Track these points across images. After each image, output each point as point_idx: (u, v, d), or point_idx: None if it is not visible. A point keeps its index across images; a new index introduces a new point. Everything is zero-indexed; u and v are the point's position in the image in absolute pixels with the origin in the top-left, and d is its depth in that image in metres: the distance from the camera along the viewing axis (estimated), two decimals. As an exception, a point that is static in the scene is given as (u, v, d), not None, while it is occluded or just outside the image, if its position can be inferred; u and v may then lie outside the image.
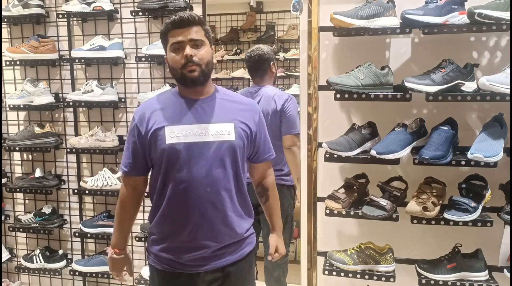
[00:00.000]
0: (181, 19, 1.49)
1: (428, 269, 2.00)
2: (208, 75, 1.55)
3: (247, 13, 4.62)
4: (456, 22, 1.85)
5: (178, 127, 1.52)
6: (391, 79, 1.96)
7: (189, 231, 1.54)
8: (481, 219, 1.88)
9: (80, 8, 2.58)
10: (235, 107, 1.61)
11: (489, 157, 1.76)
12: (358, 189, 2.11)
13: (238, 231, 1.59)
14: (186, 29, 1.50)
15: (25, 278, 3.09)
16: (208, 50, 1.54)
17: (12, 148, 2.77)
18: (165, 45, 1.56)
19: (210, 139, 1.52)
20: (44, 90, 2.68)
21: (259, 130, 1.66)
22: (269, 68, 2.68)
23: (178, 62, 1.51)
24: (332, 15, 1.92)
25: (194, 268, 1.56)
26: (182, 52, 1.50)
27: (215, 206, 1.54)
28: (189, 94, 1.58)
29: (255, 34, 4.61)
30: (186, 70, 1.50)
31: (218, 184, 1.53)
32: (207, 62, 1.53)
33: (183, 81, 1.55)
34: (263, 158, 1.71)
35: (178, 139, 1.51)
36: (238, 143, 1.55)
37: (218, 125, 1.54)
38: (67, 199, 2.92)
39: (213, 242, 1.55)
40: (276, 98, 2.56)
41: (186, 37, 1.49)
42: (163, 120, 1.54)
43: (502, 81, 1.75)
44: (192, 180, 1.51)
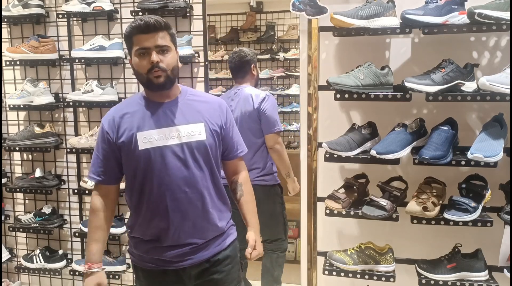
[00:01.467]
0: (147, 24, 1.48)
1: (428, 269, 2.00)
2: (174, 80, 1.57)
3: (247, 13, 4.63)
4: (456, 22, 1.85)
5: (150, 132, 1.53)
6: (391, 79, 1.97)
7: (173, 232, 1.56)
8: (481, 219, 1.88)
9: (80, 8, 2.58)
10: (203, 107, 1.63)
11: (489, 157, 1.76)
12: (358, 189, 2.11)
13: (219, 225, 1.63)
14: (152, 35, 1.49)
15: (25, 278, 3.09)
16: (174, 55, 1.55)
17: (12, 148, 2.77)
18: (130, 48, 1.55)
19: (183, 140, 1.54)
20: (44, 90, 2.67)
21: (229, 127, 1.68)
22: (250, 69, 2.73)
23: (144, 67, 1.51)
24: (332, 15, 1.92)
25: (180, 264, 1.59)
26: (148, 58, 1.49)
27: (195, 205, 1.57)
28: (156, 97, 1.59)
29: (255, 34, 4.61)
30: (152, 75, 1.51)
31: (196, 184, 1.56)
32: (173, 67, 1.54)
33: (149, 85, 1.55)
34: (234, 155, 1.72)
35: (151, 144, 1.52)
36: (210, 142, 1.58)
37: (189, 126, 1.56)
38: (67, 199, 2.92)
39: (197, 239, 1.59)
40: (254, 97, 2.58)
41: (152, 43, 1.48)
42: (133, 126, 1.55)
43: (502, 81, 1.75)
44: (170, 183, 1.53)
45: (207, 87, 2.65)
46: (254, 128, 2.58)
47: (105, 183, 1.62)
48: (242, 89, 2.67)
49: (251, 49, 2.84)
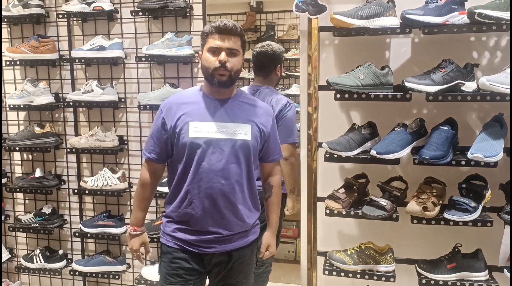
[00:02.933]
0: (225, 26, 1.62)
1: (428, 269, 2.00)
2: (234, 80, 1.69)
3: (247, 13, 4.62)
4: (456, 22, 1.85)
5: (201, 123, 1.67)
6: (391, 79, 1.97)
7: (203, 218, 1.68)
8: (481, 219, 1.88)
9: (80, 8, 2.58)
10: (253, 110, 1.75)
11: (489, 157, 1.76)
12: (358, 189, 2.11)
13: (247, 221, 1.74)
14: (226, 37, 1.63)
15: (25, 278, 3.09)
16: (240, 59, 1.69)
17: (12, 148, 2.77)
18: (203, 44, 1.68)
19: (229, 137, 1.67)
20: (44, 90, 2.67)
21: (271, 132, 1.80)
22: (275, 69, 2.47)
23: (212, 63, 1.63)
24: (332, 15, 1.92)
25: (204, 250, 1.71)
26: (218, 56, 1.62)
27: (228, 198, 1.68)
28: (214, 93, 1.72)
29: (255, 34, 4.60)
30: (217, 73, 1.64)
31: (232, 178, 1.67)
32: (237, 70, 1.67)
33: (211, 81, 1.67)
34: (272, 158, 1.83)
35: (200, 134, 1.66)
36: (252, 143, 1.70)
37: (237, 125, 1.69)
38: (67, 199, 2.92)
39: (224, 230, 1.70)
40: (274, 103, 2.33)
41: (225, 45, 1.62)
42: (188, 115, 1.68)
43: (502, 81, 1.75)
44: (210, 172, 1.65)
45: (207, 87, 2.64)
46: None
47: (155, 161, 1.77)
48: (262, 91, 2.41)
49: (280, 46, 2.53)
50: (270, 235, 1.88)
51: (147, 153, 1.78)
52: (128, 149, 2.77)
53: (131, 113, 2.74)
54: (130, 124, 2.75)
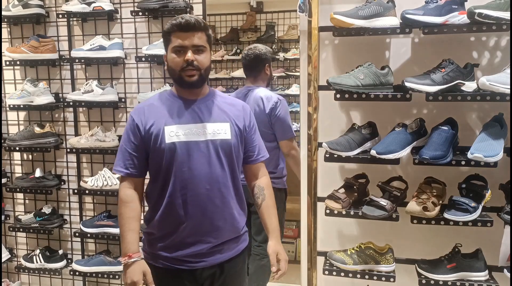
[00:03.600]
0: (187, 23, 1.52)
1: (428, 269, 2.00)
2: (205, 79, 1.61)
3: (247, 13, 4.63)
4: (456, 22, 1.85)
5: (177, 127, 1.57)
6: (391, 79, 1.96)
7: (190, 227, 1.58)
8: (481, 219, 1.88)
9: (80, 8, 2.58)
10: (229, 108, 1.67)
11: (489, 157, 1.76)
12: (358, 189, 2.11)
13: (237, 226, 1.66)
14: (190, 34, 1.53)
15: (25, 278, 3.09)
16: (208, 55, 1.59)
17: (12, 148, 2.77)
18: (167, 44, 1.59)
19: (208, 137, 1.58)
20: (44, 90, 2.67)
21: (251, 131, 1.71)
22: (264, 69, 2.66)
23: (178, 64, 1.55)
24: (332, 15, 1.92)
25: (193, 264, 1.60)
26: (184, 55, 1.53)
27: (215, 203, 1.59)
28: (186, 94, 1.63)
29: (255, 34, 4.61)
30: (185, 73, 1.55)
31: (217, 181, 1.59)
32: (206, 67, 1.59)
33: (181, 83, 1.59)
34: (256, 159, 1.75)
35: (177, 138, 1.56)
36: (234, 142, 1.62)
37: (215, 124, 1.60)
38: (67, 199, 2.92)
39: (213, 238, 1.60)
40: (265, 101, 2.51)
41: (190, 42, 1.53)
42: (162, 120, 1.58)
43: (502, 81, 1.75)
44: (193, 177, 1.56)
45: (207, 87, 2.64)
46: (263, 132, 2.44)
47: (133, 176, 1.62)
48: (253, 91, 2.59)
49: (266, 47, 2.73)
50: (276, 243, 1.70)
51: (123, 169, 1.60)
52: (128, 149, 2.77)
53: (131, 113, 2.74)
54: (130, 124, 2.75)
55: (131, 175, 1.62)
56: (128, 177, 1.63)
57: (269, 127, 2.54)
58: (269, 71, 2.69)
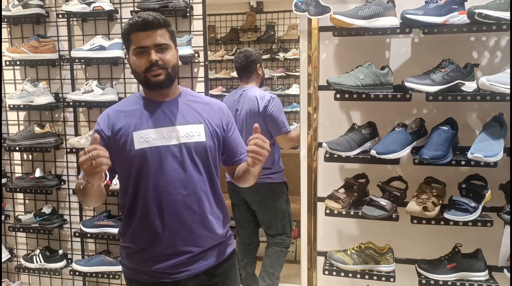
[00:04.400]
0: (145, 21, 1.42)
1: (428, 269, 2.00)
2: (173, 78, 1.51)
3: (247, 13, 4.63)
4: (456, 22, 1.85)
5: (147, 131, 1.47)
6: (391, 79, 1.96)
7: (168, 237, 1.48)
8: (481, 219, 1.88)
9: (80, 8, 2.58)
10: (203, 108, 1.57)
11: (489, 157, 1.76)
12: (358, 189, 2.11)
13: (218, 233, 1.56)
14: (150, 33, 1.43)
15: (25, 278, 3.09)
16: (174, 53, 1.50)
17: (12, 148, 2.77)
18: (127, 46, 1.50)
19: (181, 141, 1.48)
20: (44, 90, 2.67)
21: (230, 131, 1.62)
22: (256, 69, 2.77)
23: (142, 66, 1.45)
24: (332, 15, 1.92)
25: (176, 275, 1.50)
26: (146, 56, 1.44)
27: (193, 209, 1.50)
28: (154, 96, 1.54)
29: (255, 34, 4.61)
30: (150, 74, 1.45)
31: (194, 186, 1.49)
32: (173, 65, 1.49)
33: (147, 84, 1.50)
34: (237, 159, 1.65)
35: (148, 144, 1.46)
36: (209, 144, 1.52)
37: (188, 126, 1.50)
38: (67, 199, 2.92)
39: (194, 247, 1.51)
40: (259, 100, 2.62)
41: (151, 42, 1.43)
42: (130, 125, 1.48)
43: (502, 81, 1.75)
44: (166, 184, 1.47)
45: (207, 87, 2.65)
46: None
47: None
48: (247, 91, 2.71)
49: (256, 49, 2.92)
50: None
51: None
52: (128, 149, 2.77)
53: (131, 113, 2.74)
54: (130, 124, 2.75)
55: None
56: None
57: (265, 125, 2.63)
58: (261, 71, 2.82)
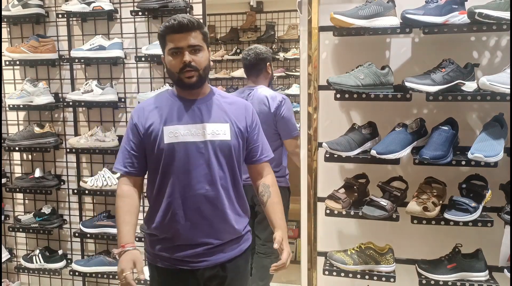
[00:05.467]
0: (180, 24, 1.50)
1: (428, 269, 2.00)
2: (205, 79, 1.59)
3: (247, 13, 4.63)
4: (457, 22, 1.85)
5: (176, 127, 1.55)
6: (391, 79, 1.96)
7: (189, 229, 1.57)
8: (481, 219, 1.88)
9: (80, 8, 2.58)
10: (230, 108, 1.65)
11: (490, 157, 1.76)
12: (358, 189, 2.11)
13: (237, 228, 1.63)
14: (185, 34, 1.51)
15: (25, 278, 3.08)
16: (206, 54, 1.57)
17: (11, 148, 2.77)
18: (163, 47, 1.58)
19: (207, 138, 1.56)
20: (43, 90, 2.67)
21: (254, 131, 1.69)
22: (265, 68, 2.65)
23: (176, 66, 1.54)
24: (332, 15, 1.92)
25: (195, 264, 1.59)
26: (181, 57, 1.52)
27: (214, 204, 1.57)
28: (186, 95, 1.62)
29: (255, 34, 4.61)
30: (183, 75, 1.54)
31: (216, 182, 1.57)
32: (205, 67, 1.57)
33: (180, 84, 1.58)
34: (259, 158, 1.72)
35: (176, 139, 1.54)
36: (233, 143, 1.60)
37: (215, 125, 1.58)
38: (67, 199, 2.91)
39: (213, 239, 1.59)
40: (270, 100, 2.50)
41: (185, 43, 1.51)
42: (161, 120, 1.57)
43: (502, 81, 1.75)
44: (191, 179, 1.55)
45: (207, 87, 2.64)
46: (268, 131, 2.43)
47: (132, 175, 1.62)
48: (256, 90, 2.58)
49: (266, 47, 2.74)
50: (282, 234, 1.61)
51: (122, 167, 1.60)
52: (128, 149, 2.77)
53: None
54: (130, 124, 2.75)
55: (130, 173, 1.62)
56: (126, 175, 1.63)
57: (273, 126, 2.54)
58: (270, 70, 2.69)
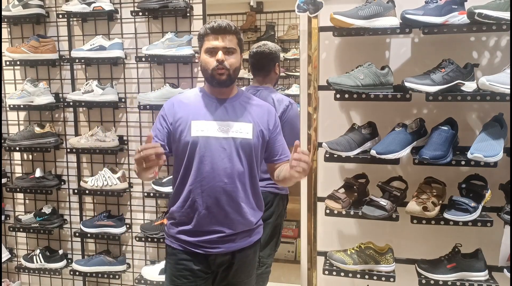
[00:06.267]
0: (219, 26, 1.64)
1: (428, 269, 2.00)
2: (234, 79, 1.71)
3: (247, 13, 4.62)
4: (456, 22, 1.85)
5: (203, 122, 1.68)
6: (391, 79, 1.97)
7: (206, 217, 1.69)
8: (481, 219, 1.88)
9: (80, 8, 2.58)
10: (254, 110, 1.77)
11: (489, 157, 1.76)
12: (358, 189, 2.11)
13: (250, 220, 1.74)
14: (222, 36, 1.65)
15: (25, 278, 3.09)
16: (238, 57, 1.70)
17: (12, 148, 2.77)
18: (200, 46, 1.72)
19: (231, 135, 1.68)
20: (44, 90, 2.67)
21: (275, 132, 1.81)
22: (274, 68, 2.53)
23: (210, 64, 1.66)
24: (332, 15, 1.92)
25: (208, 250, 1.71)
26: (215, 56, 1.65)
27: (231, 196, 1.69)
28: (215, 93, 1.75)
29: (255, 34, 4.61)
30: (216, 72, 1.66)
31: (235, 177, 1.68)
32: (235, 68, 1.69)
33: (212, 81, 1.70)
34: (279, 158, 1.83)
35: (202, 133, 1.67)
36: (254, 142, 1.71)
37: (239, 124, 1.70)
38: (67, 199, 2.92)
39: (227, 228, 1.70)
40: (276, 103, 2.38)
41: (221, 44, 1.65)
42: (189, 115, 1.70)
43: (502, 81, 1.75)
44: (212, 171, 1.66)
45: (207, 87, 2.64)
46: None
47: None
48: (263, 91, 2.45)
49: (276, 45, 2.60)
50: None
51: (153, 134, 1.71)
52: (128, 149, 2.77)
53: (131, 113, 2.74)
54: (130, 124, 2.75)
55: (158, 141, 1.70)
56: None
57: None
58: (278, 71, 2.57)
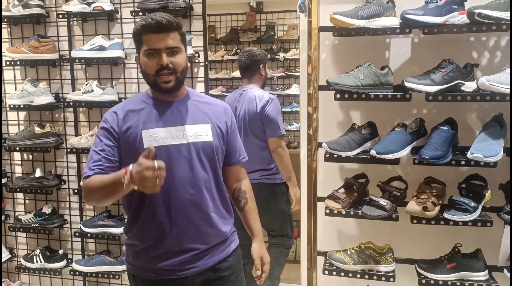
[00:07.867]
0: (158, 24, 1.42)
1: (428, 269, 2.00)
2: (182, 81, 1.53)
3: (247, 13, 4.63)
4: (456, 22, 1.85)
5: (156, 130, 1.48)
6: (391, 79, 1.97)
7: (175, 235, 1.50)
8: (481, 219, 1.88)
9: (80, 8, 2.58)
10: (209, 109, 1.60)
11: (489, 157, 1.76)
12: (358, 189, 2.11)
13: (223, 230, 1.58)
14: (162, 35, 1.43)
15: (25, 278, 3.09)
16: (184, 56, 1.50)
17: (12, 148, 2.77)
18: (138, 46, 1.50)
19: (189, 140, 1.50)
20: (44, 90, 2.67)
21: (232, 132, 1.65)
22: (259, 69, 2.74)
23: (152, 68, 1.46)
24: (332, 15, 1.92)
25: (182, 273, 1.51)
26: (157, 58, 1.45)
27: (199, 207, 1.52)
28: (163, 97, 1.55)
29: (255, 34, 4.61)
30: (160, 79, 1.47)
31: (201, 185, 1.51)
32: (182, 69, 1.50)
33: (156, 88, 1.51)
34: (237, 160, 1.67)
35: (157, 142, 1.46)
36: (216, 144, 1.55)
37: (196, 126, 1.52)
38: (67, 199, 2.92)
39: (200, 244, 1.53)
40: (257, 100, 2.60)
41: (163, 45, 1.44)
42: (139, 123, 1.49)
43: (502, 81, 1.75)
44: (175, 183, 1.47)
45: (207, 87, 2.65)
46: (257, 131, 2.61)
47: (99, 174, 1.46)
48: (248, 91, 2.68)
49: (262, 50, 2.84)
50: (261, 246, 1.66)
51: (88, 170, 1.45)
52: (128, 149, 2.77)
53: (131, 113, 2.74)
54: (130, 124, 2.75)
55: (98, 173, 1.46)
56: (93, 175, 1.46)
57: (262, 126, 2.61)
58: (264, 72, 2.78)
